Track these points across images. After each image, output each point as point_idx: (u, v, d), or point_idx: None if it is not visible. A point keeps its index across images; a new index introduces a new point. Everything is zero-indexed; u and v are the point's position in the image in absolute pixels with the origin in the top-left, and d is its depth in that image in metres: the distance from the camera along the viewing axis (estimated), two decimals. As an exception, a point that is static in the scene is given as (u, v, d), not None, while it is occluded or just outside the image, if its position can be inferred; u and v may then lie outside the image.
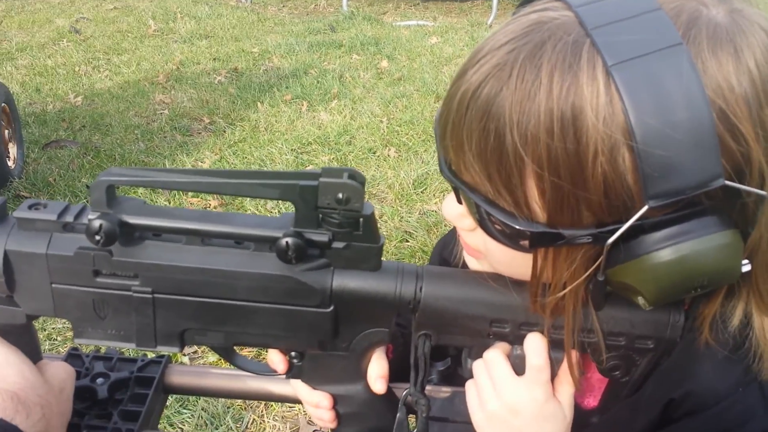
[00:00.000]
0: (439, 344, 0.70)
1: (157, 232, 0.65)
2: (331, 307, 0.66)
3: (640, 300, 0.59)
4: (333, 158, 3.74)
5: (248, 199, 3.17)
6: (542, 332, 0.66)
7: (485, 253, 0.67)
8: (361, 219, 0.62)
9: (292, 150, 3.81)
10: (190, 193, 3.26)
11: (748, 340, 0.63)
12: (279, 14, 7.30)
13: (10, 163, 3.40)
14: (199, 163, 3.68)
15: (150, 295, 0.65)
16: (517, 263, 0.63)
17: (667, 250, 0.55)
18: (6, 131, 3.41)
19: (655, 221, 0.55)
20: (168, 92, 4.74)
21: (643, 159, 0.51)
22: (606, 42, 0.52)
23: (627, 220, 0.54)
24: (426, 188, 3.39)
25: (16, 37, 6.00)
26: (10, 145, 3.47)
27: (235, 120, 4.27)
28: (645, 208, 0.53)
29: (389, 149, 3.84)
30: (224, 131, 4.10)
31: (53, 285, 0.65)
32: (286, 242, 0.61)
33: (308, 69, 5.25)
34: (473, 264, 0.71)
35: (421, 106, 4.44)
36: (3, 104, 3.35)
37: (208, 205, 3.15)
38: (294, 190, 0.60)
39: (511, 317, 0.67)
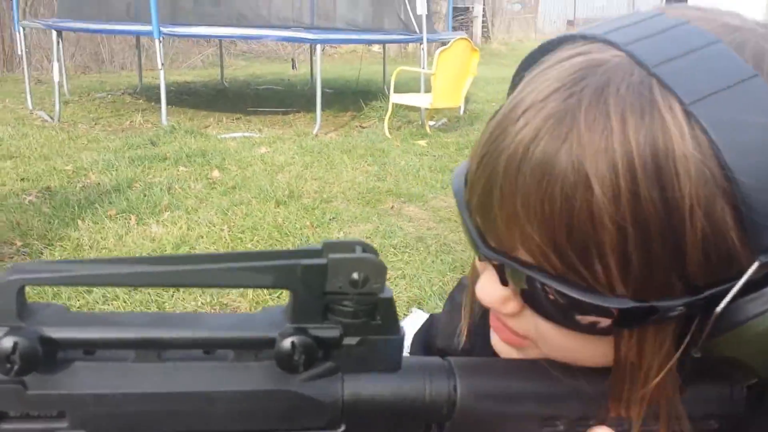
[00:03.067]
0: None
1: (90, 349, 0.44)
2: (342, 428, 0.48)
3: (748, 375, 0.50)
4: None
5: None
6: (603, 424, 0.52)
7: (535, 339, 0.54)
8: (378, 304, 0.46)
9: (124, 266, 3.47)
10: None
11: None
12: (91, 132, 6.89)
13: None
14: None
15: None
16: (581, 349, 0.52)
17: None
18: None
19: (756, 280, 0.45)
20: (-33, 216, 4.18)
21: (747, 206, 0.43)
22: (675, 80, 0.45)
23: (725, 283, 0.45)
24: (281, 293, 3.21)
25: None
26: None
27: (53, 240, 3.82)
28: (756, 264, 0.44)
29: (234, 257, 3.64)
30: (41, 252, 3.65)
31: None
32: (292, 342, 0.44)
33: (132, 183, 4.92)
34: (512, 354, 0.58)
35: (262, 212, 4.29)
36: None
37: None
38: (293, 273, 0.44)
39: (566, 412, 0.52)
